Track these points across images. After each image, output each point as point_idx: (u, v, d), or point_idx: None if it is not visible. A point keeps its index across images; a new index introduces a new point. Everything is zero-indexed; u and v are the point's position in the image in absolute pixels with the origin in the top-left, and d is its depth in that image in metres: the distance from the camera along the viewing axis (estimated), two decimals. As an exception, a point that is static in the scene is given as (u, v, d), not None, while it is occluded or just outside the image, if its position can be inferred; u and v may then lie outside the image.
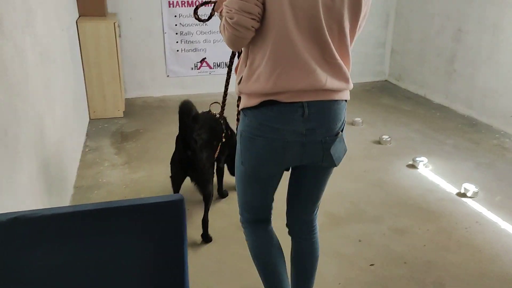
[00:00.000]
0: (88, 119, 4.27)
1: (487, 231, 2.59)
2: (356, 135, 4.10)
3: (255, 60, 1.44)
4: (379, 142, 3.89)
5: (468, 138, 4.00)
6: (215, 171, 2.69)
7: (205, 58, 5.32)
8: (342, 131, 1.54)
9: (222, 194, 2.97)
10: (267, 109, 1.44)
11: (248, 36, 1.39)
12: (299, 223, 1.76)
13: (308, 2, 1.33)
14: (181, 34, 5.15)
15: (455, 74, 4.73)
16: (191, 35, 5.18)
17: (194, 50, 5.25)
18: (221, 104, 2.59)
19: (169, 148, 3.63)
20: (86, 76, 4.15)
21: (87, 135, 3.95)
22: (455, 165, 3.46)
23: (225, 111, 2.62)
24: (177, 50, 5.20)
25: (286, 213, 1.79)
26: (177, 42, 5.16)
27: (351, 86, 1.51)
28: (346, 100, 1.53)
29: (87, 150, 3.65)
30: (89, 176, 3.20)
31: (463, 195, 2.98)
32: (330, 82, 1.42)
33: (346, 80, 1.47)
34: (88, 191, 2.99)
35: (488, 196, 2.97)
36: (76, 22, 4.00)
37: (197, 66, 5.32)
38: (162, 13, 4.99)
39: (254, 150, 1.51)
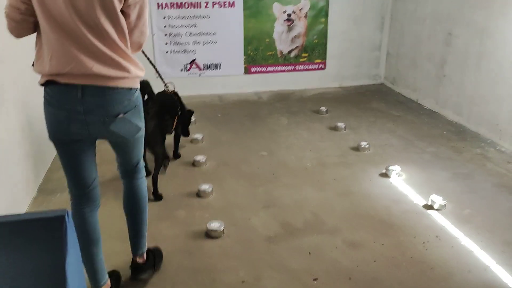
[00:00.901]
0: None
1: (445, 247, 2.49)
2: (336, 140, 4.02)
3: (40, 46, 1.73)
4: (357, 149, 3.81)
5: (451, 146, 3.88)
6: (173, 136, 3.54)
7: (194, 59, 5.31)
8: (126, 113, 1.79)
9: (177, 155, 3.65)
10: (50, 88, 1.75)
11: (20, 27, 1.71)
12: (122, 170, 2.08)
13: (57, 7, 1.62)
14: (170, 35, 5.15)
15: (445, 79, 4.59)
16: (180, 36, 5.17)
17: (183, 52, 5.25)
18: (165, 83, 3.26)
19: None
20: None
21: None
22: (430, 175, 3.35)
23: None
24: (166, 52, 5.21)
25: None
26: (166, 43, 5.17)
27: (132, 74, 1.77)
28: (131, 88, 1.80)
29: (61, 152, 3.68)
30: (57, 178, 3.23)
31: (430, 207, 2.88)
32: (97, 68, 1.68)
33: (120, 68, 1.73)
34: (51, 194, 3.02)
35: (456, 209, 2.87)
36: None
37: (186, 67, 5.32)
38: (151, 15, 5.00)
39: (48, 119, 1.81)
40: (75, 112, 1.73)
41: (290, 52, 5.53)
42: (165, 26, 5.09)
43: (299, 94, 5.46)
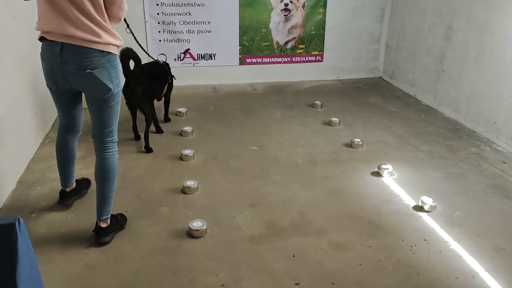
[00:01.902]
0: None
1: (433, 251, 2.41)
2: (329, 136, 3.93)
3: (38, 8, 2.14)
4: (350, 145, 3.72)
5: (447, 144, 3.79)
6: (163, 102, 4.05)
7: (188, 49, 5.19)
8: (94, 70, 2.14)
9: (167, 119, 4.15)
10: (43, 43, 2.20)
11: None
12: (95, 141, 2.38)
13: None
14: (163, 23, 5.03)
15: (444, 74, 4.47)
16: (174, 25, 5.05)
17: (177, 41, 5.13)
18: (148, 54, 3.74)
19: (130, 144, 3.57)
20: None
21: (52, 125, 3.91)
22: (422, 174, 3.27)
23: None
24: (159, 40, 5.09)
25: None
26: (159, 31, 5.05)
27: (104, 40, 2.11)
28: (102, 51, 2.14)
29: (47, 142, 3.61)
30: (38, 170, 3.15)
31: (420, 208, 2.80)
32: (73, 31, 2.07)
33: (93, 34, 2.09)
34: (31, 186, 2.94)
35: (446, 211, 2.79)
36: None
37: (180, 57, 5.21)
38: (143, 1, 4.87)
39: (43, 70, 2.29)
40: (56, 64, 2.17)
41: (286, 43, 5.41)
42: (158, 14, 4.97)
43: (295, 87, 5.35)
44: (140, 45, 3.15)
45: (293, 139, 3.86)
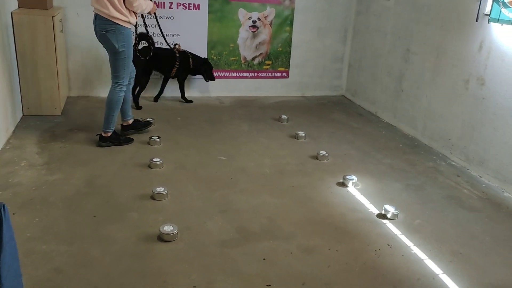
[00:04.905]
0: (20, 115, 4.10)
1: (396, 255, 2.53)
2: (296, 149, 4.04)
3: None
4: (316, 158, 3.84)
5: (406, 159, 3.99)
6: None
7: (157, 60, 5.20)
8: (106, 32, 3.37)
9: (186, 99, 5.17)
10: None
11: None
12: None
13: None
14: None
15: (403, 94, 4.74)
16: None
17: (145, 52, 5.12)
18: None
19: (97, 151, 3.51)
20: (20, 71, 3.99)
21: (14, 131, 3.79)
22: (385, 185, 3.43)
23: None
24: (128, 51, 5.07)
25: None
26: (128, 42, 5.03)
27: (112, 15, 3.31)
28: (113, 22, 3.34)
29: (7, 147, 3.49)
30: (0, 175, 3.04)
31: (383, 216, 2.94)
32: (98, 7, 3.32)
33: (107, 9, 3.29)
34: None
35: (407, 219, 2.94)
36: (11, 14, 3.85)
37: (148, 68, 5.19)
38: (112, 12, 4.86)
39: None
40: (94, 27, 3.46)
41: (254, 58, 5.54)
42: (127, 25, 4.96)
43: (261, 102, 5.47)
44: (162, 33, 4.33)
45: (260, 150, 3.94)
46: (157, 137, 3.89)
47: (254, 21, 5.37)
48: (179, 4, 5.03)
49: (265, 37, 5.49)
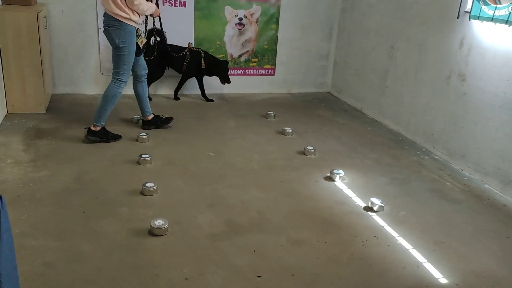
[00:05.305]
0: (5, 113, 4.06)
1: (383, 246, 2.60)
2: (283, 144, 4.09)
3: None
4: (303, 153, 3.90)
5: (391, 153, 4.08)
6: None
7: (143, 57, 5.19)
8: (109, 27, 3.54)
9: (207, 98, 5.27)
10: None
11: None
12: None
13: None
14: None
15: (387, 90, 4.83)
16: (129, 33, 5.03)
17: (131, 49, 5.11)
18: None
19: (84, 148, 3.50)
20: (4, 68, 3.95)
21: (-1, 130, 3.75)
22: (371, 179, 3.50)
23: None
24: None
25: None
26: (113, 39, 5.01)
27: (114, 12, 3.47)
28: (116, 19, 3.50)
29: (-8, 145, 3.46)
30: None
31: (370, 209, 3.01)
32: (105, 5, 3.49)
33: (110, 7, 3.46)
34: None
35: (393, 211, 3.01)
36: (-5, 10, 3.81)
37: (134, 65, 5.18)
38: (97, 8, 4.84)
39: None
40: (103, 23, 3.63)
41: (240, 56, 5.57)
42: (113, 22, 4.94)
43: (248, 99, 5.51)
44: (161, 28, 4.53)
45: (248, 146, 3.98)
46: (145, 134, 3.89)
47: (240, 19, 5.40)
48: (165, 1, 5.03)
49: (251, 34, 5.52)
